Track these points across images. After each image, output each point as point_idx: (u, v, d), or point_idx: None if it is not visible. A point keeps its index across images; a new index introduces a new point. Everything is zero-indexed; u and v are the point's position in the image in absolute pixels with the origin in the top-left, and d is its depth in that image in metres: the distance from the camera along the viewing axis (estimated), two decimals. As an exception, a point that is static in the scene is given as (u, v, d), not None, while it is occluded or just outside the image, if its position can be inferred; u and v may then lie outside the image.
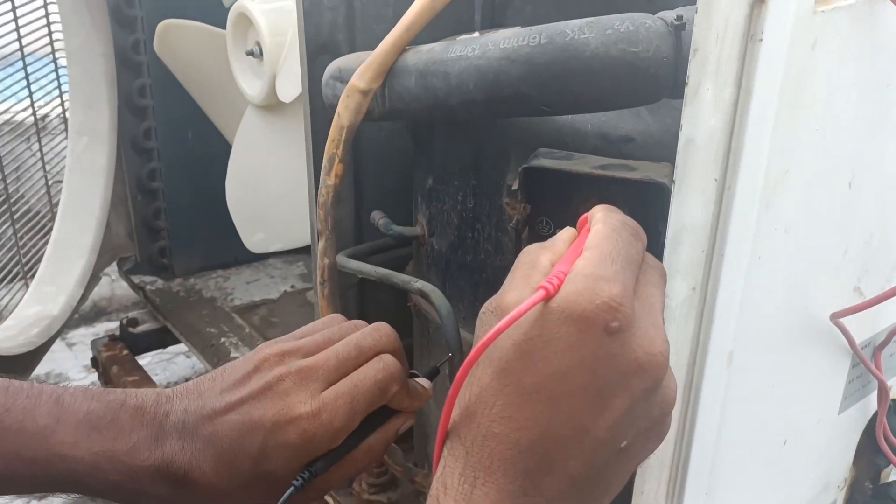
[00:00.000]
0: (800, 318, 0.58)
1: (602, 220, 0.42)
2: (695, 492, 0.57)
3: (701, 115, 0.43)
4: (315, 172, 0.80)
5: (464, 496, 0.39)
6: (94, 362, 1.57)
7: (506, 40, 0.54)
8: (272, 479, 0.49)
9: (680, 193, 0.45)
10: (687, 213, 0.46)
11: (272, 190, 1.20)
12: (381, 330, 0.54)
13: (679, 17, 0.49)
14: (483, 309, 0.42)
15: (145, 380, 1.45)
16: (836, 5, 0.46)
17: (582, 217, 0.44)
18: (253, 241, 1.25)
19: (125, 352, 1.53)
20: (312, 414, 0.49)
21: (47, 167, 1.52)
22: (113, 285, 2.23)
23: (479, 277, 0.70)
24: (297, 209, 1.12)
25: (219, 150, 1.42)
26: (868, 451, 0.76)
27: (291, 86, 1.04)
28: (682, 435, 0.55)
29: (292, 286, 1.65)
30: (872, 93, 0.53)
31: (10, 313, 1.35)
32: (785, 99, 0.46)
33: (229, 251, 1.67)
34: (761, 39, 0.42)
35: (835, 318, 0.59)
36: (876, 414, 0.72)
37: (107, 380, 1.51)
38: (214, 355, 1.36)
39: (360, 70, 0.64)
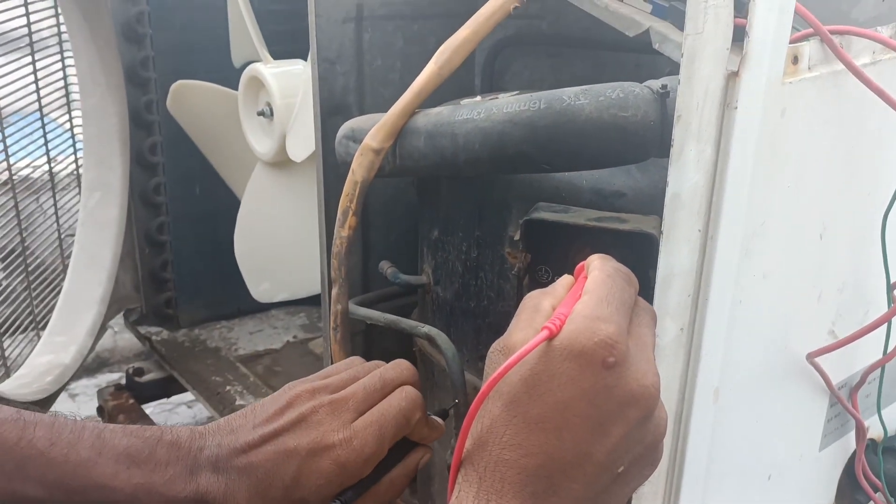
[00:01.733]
0: (780, 358, 0.63)
1: (598, 267, 0.48)
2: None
3: (685, 173, 0.48)
4: (327, 225, 0.86)
5: None
6: (100, 411, 1.60)
7: (509, 105, 0.60)
8: None
9: (668, 243, 0.50)
10: (675, 260, 0.51)
11: (279, 242, 1.25)
12: (401, 365, 0.58)
13: (664, 86, 0.55)
14: (491, 349, 0.46)
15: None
16: (803, 77, 0.52)
17: (579, 265, 0.50)
18: (259, 290, 1.30)
19: (131, 401, 1.56)
20: (345, 441, 0.53)
21: (59, 221, 1.57)
22: (115, 337, 2.26)
23: (482, 322, 0.75)
24: (303, 260, 1.17)
25: (225, 203, 1.47)
26: (849, 488, 0.80)
27: (301, 145, 1.10)
28: (673, 465, 0.59)
29: (294, 336, 1.69)
30: (840, 153, 0.59)
31: (22, 363, 1.39)
32: (760, 158, 0.51)
33: (233, 302, 1.72)
34: (736, 107, 0.48)
35: (810, 357, 0.63)
36: (855, 452, 0.77)
37: (112, 428, 1.54)
38: (220, 403, 1.40)
39: (373, 131, 0.70)
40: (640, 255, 0.56)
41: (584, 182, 0.66)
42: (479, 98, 0.79)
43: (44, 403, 1.24)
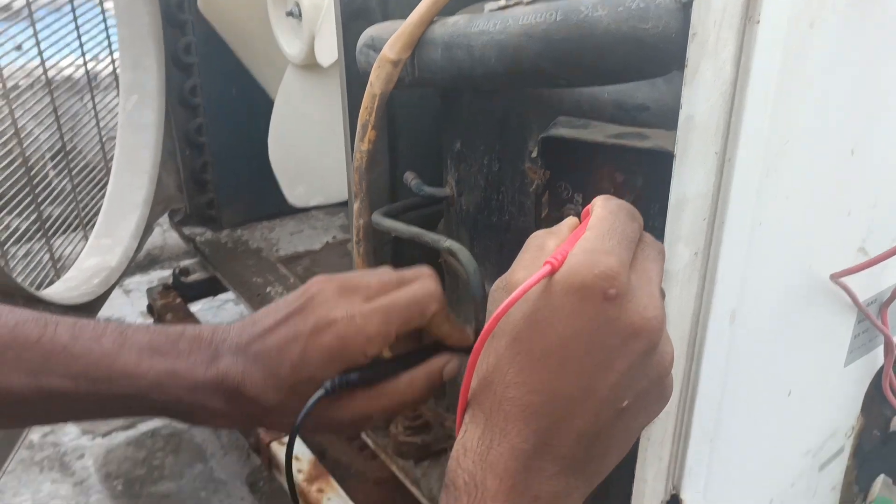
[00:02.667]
0: (803, 279, 0.61)
1: (601, 205, 0.47)
2: (700, 439, 0.62)
3: (700, 94, 0.46)
4: (351, 135, 0.85)
5: (481, 457, 0.43)
6: (150, 309, 1.66)
7: (525, 16, 0.57)
8: (313, 388, 0.54)
9: (681, 166, 0.48)
10: (688, 184, 0.49)
11: (312, 146, 1.25)
12: (422, 269, 0.59)
13: (687, -3, 0.52)
14: (494, 287, 0.46)
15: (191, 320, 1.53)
16: (835, -16, 0.49)
17: (585, 208, 0.48)
18: (294, 195, 1.31)
19: (178, 300, 1.61)
20: (348, 317, 0.54)
21: (101, 122, 1.59)
22: (165, 235, 2.32)
23: (504, 238, 0.74)
24: (337, 165, 1.17)
25: (261, 104, 1.47)
26: (876, 401, 0.79)
27: (329, 49, 1.08)
28: (686, 386, 0.59)
29: (334, 237, 1.71)
30: (875, 61, 0.55)
31: (72, 262, 1.43)
32: (784, 76, 0.48)
33: (273, 203, 1.73)
34: (758, 21, 0.45)
35: (835, 278, 0.62)
36: (883, 367, 0.76)
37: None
38: (261, 304, 1.43)
39: (390, 41, 0.68)
40: (660, 174, 0.54)
41: (606, 95, 0.63)
42: (503, 1, 0.77)
43: (91, 307, 1.29)
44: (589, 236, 0.44)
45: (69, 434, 1.63)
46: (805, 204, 0.57)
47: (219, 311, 2.04)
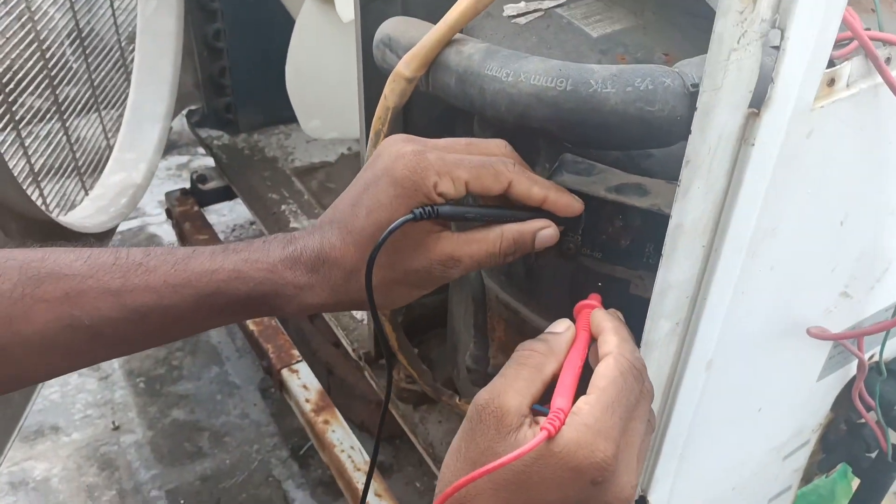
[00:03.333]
0: (782, 328, 0.65)
1: (612, 365, 0.48)
2: (669, 455, 0.67)
3: (689, 208, 0.49)
4: (367, 121, 0.86)
5: None
6: (168, 213, 1.71)
7: (536, 76, 0.59)
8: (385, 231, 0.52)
9: (667, 262, 0.51)
10: (673, 275, 0.53)
11: (329, 81, 1.25)
12: (498, 140, 0.59)
13: (695, 85, 0.53)
14: (482, 402, 0.47)
15: (213, 238, 1.59)
16: (837, 98, 0.50)
17: (578, 305, 0.52)
18: (310, 126, 1.32)
19: (196, 208, 1.65)
20: (416, 152, 0.54)
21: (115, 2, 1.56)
22: (182, 120, 2.34)
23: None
24: (352, 102, 1.18)
25: (281, 12, 1.45)
26: (846, 403, 0.85)
27: (348, 6, 1.07)
28: (661, 418, 0.64)
29: (349, 148, 1.72)
30: (870, 154, 0.57)
31: (89, 145, 1.44)
32: (776, 179, 0.50)
33: (290, 107, 1.75)
34: (753, 144, 0.47)
35: (811, 333, 0.66)
36: (854, 377, 0.80)
37: (180, 231, 1.65)
38: (276, 224, 1.48)
39: (406, 58, 0.69)
40: (655, 231, 0.57)
41: (613, 138, 0.65)
42: (522, 4, 0.77)
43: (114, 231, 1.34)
44: (594, 404, 0.46)
45: (94, 329, 1.72)
46: (789, 271, 0.60)
47: (234, 206, 2.09)
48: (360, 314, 1.24)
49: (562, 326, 0.52)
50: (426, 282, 0.56)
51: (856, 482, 0.91)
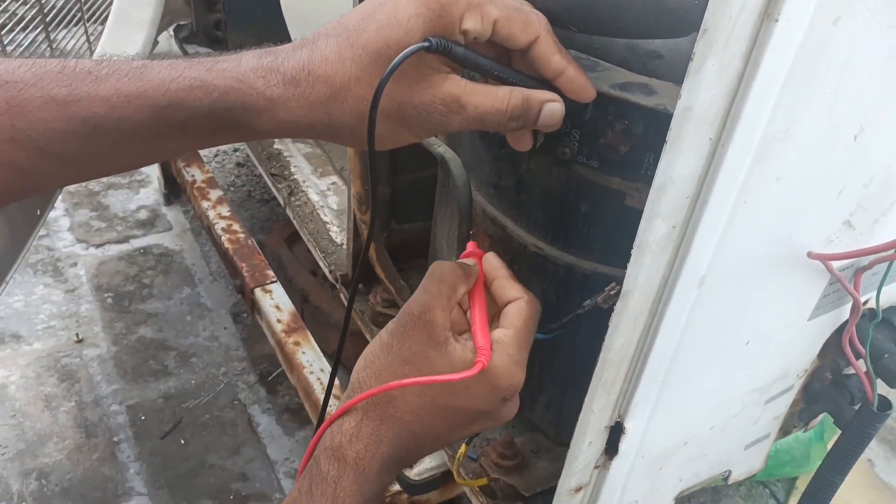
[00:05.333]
0: (780, 250, 0.62)
1: (527, 299, 0.60)
2: (650, 379, 0.64)
3: (701, 87, 0.45)
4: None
5: (350, 439, 0.55)
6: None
7: (544, -48, 0.54)
8: (394, 50, 0.49)
9: (671, 152, 0.48)
10: (676, 168, 0.49)
11: (326, 11, 1.20)
12: None
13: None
14: (416, 313, 0.56)
15: (195, 154, 1.53)
16: (871, -22, 0.46)
17: (466, 254, 0.63)
18: (302, 41, 1.27)
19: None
20: None
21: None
22: (170, 37, 2.27)
23: (497, 152, 0.74)
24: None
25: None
26: (834, 349, 0.82)
27: None
28: (644, 339, 0.61)
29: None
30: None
31: (69, 56, 1.40)
32: (796, 71, 0.47)
33: (283, 31, 1.69)
34: (777, 20, 0.43)
35: (812, 257, 0.62)
36: (847, 321, 0.77)
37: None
38: (263, 152, 1.43)
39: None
40: (662, 128, 0.53)
41: (620, 35, 0.61)
42: None
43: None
44: (512, 342, 0.57)
45: (64, 240, 1.67)
46: (796, 185, 0.56)
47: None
48: (339, 238, 1.20)
49: (472, 260, 0.62)
50: (422, 123, 0.52)
51: (831, 443, 0.88)
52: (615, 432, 0.69)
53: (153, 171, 1.84)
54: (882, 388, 0.79)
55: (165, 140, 0.50)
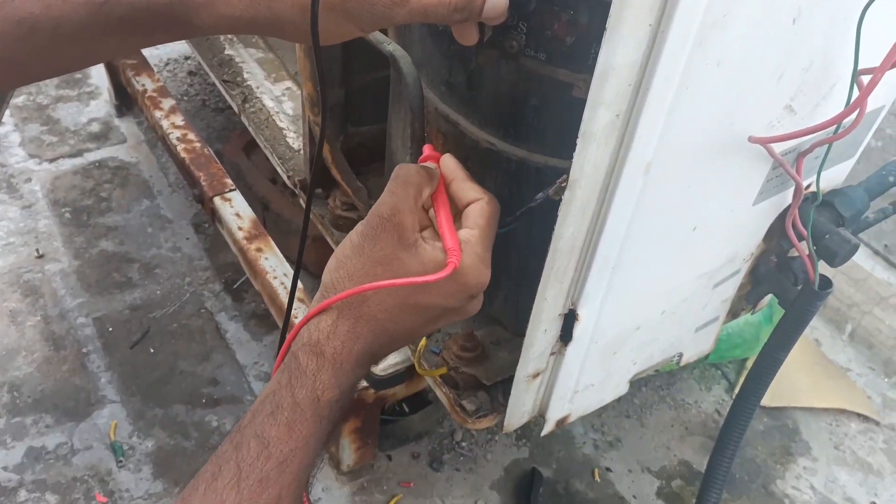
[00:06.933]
0: (723, 136, 0.64)
1: (487, 200, 0.62)
2: (601, 267, 0.67)
3: (639, -27, 0.45)
4: None
5: (327, 336, 0.57)
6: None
7: None
8: None
9: (611, 38, 0.48)
10: (616, 55, 0.49)
11: None
12: None
13: None
14: (386, 215, 0.58)
15: (143, 63, 1.49)
16: None
17: (424, 157, 0.64)
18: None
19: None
20: None
21: None
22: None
23: (448, 48, 0.73)
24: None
25: None
26: (778, 232, 0.85)
27: None
28: (593, 228, 0.63)
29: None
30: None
31: None
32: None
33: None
34: None
35: (753, 140, 0.64)
36: (790, 206, 0.80)
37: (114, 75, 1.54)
38: (209, 50, 1.40)
39: None
40: (605, 20, 0.53)
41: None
42: None
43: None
44: (479, 242, 0.60)
45: (16, 156, 1.63)
46: (736, 70, 0.57)
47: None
48: (296, 144, 1.20)
49: (433, 164, 0.65)
50: (365, 15, 0.53)
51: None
52: (569, 319, 0.72)
53: (103, 83, 1.79)
54: (824, 268, 0.83)
55: (105, 39, 0.50)
